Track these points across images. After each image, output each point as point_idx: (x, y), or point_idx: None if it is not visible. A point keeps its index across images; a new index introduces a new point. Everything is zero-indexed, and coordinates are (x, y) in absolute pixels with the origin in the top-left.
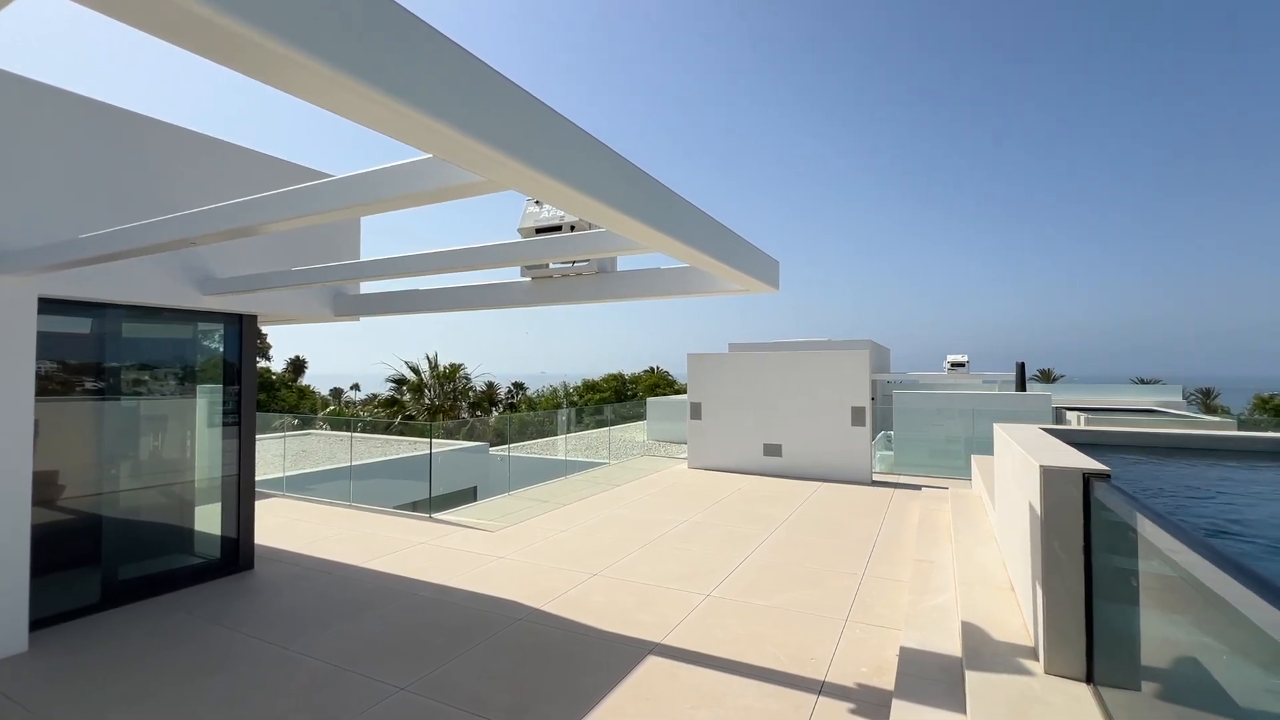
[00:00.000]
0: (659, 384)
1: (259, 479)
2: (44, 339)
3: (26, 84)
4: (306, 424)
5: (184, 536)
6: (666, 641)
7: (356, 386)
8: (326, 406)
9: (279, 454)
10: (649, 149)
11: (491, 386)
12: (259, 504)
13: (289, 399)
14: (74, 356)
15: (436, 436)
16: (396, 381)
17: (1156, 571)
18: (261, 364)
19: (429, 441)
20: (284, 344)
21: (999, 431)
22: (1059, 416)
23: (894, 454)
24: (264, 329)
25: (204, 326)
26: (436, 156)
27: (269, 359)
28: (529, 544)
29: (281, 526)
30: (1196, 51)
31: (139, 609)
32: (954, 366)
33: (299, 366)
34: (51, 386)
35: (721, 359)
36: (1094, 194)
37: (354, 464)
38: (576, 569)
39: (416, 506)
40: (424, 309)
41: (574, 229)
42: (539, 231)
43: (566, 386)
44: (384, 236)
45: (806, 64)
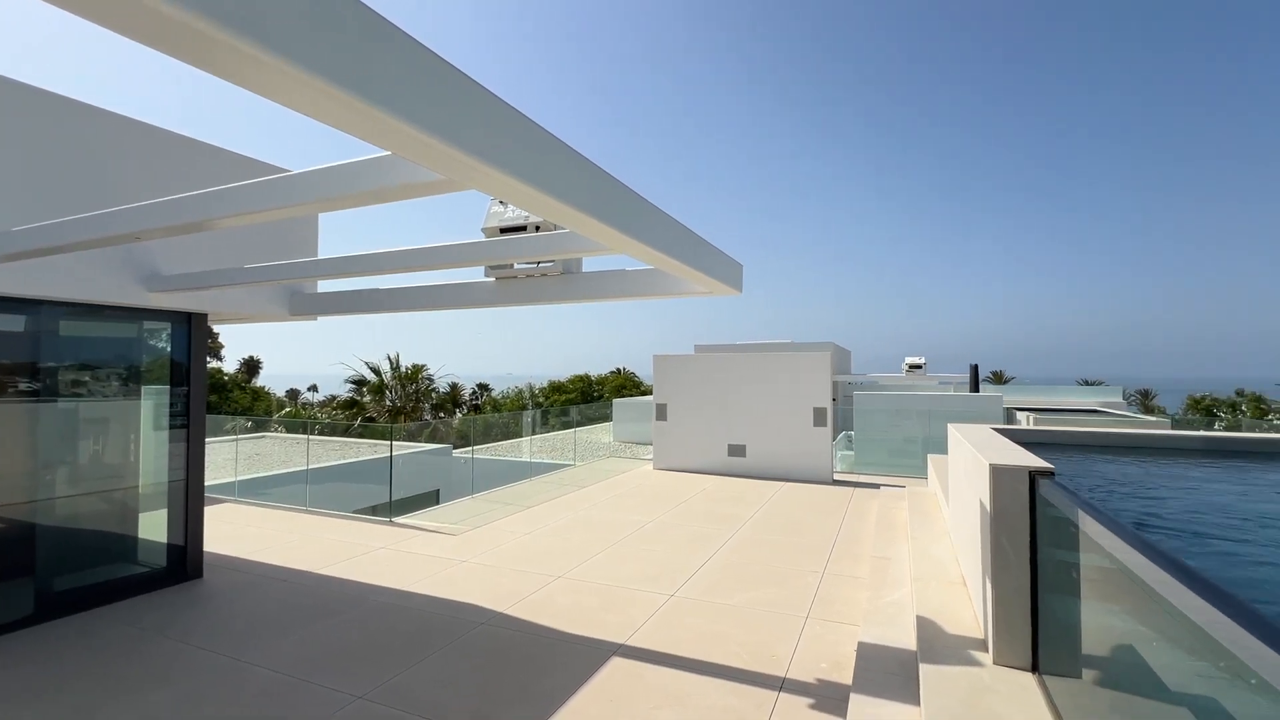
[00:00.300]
0: (625, 385)
1: (209, 484)
2: None
3: None
4: (261, 426)
5: (127, 545)
6: (630, 642)
7: (314, 388)
8: (282, 408)
9: (231, 458)
10: (610, 150)
11: (455, 388)
12: (209, 510)
13: (242, 400)
14: (6, 356)
15: (398, 439)
16: (356, 383)
17: (1096, 564)
18: (212, 364)
19: (389, 444)
20: (237, 344)
21: (953, 431)
22: (1010, 417)
23: (854, 454)
24: (215, 328)
25: (150, 325)
26: (396, 154)
27: (220, 359)
28: (492, 547)
29: (233, 533)
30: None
31: (79, 621)
32: (912, 368)
33: (253, 367)
34: None
35: (687, 360)
36: (1048, 197)
37: (311, 467)
38: (540, 571)
39: (376, 510)
40: (384, 309)
41: (539, 229)
42: (503, 231)
43: (532, 388)
44: (336, 235)
45: (761, 52)
